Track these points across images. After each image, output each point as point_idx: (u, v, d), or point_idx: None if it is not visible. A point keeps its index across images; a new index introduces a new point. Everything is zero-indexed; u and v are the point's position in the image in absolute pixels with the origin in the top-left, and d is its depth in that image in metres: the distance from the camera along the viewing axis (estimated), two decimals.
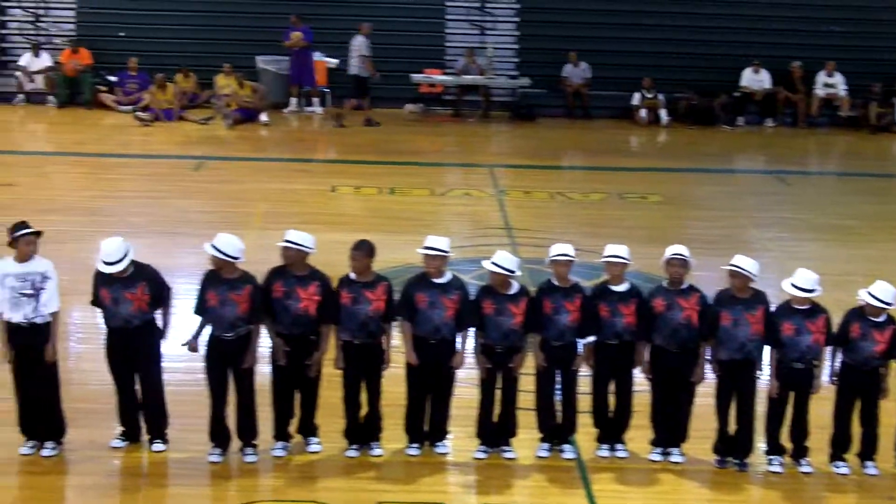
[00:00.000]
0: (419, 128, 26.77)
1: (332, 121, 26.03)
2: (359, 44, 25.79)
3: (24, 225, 9.76)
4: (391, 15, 28.82)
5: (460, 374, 10.19)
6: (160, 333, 9.98)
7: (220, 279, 9.80)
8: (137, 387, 10.02)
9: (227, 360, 9.88)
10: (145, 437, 10.11)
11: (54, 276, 9.77)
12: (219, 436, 10.03)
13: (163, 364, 10.03)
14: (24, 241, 9.68)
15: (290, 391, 10.06)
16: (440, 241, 9.99)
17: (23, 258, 9.72)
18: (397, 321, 10.07)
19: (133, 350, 9.87)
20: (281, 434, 10.10)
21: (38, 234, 9.79)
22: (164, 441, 10.05)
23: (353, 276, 9.96)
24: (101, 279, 9.76)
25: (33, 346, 9.76)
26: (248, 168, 21.88)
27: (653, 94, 27.49)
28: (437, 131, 26.52)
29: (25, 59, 27.48)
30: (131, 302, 9.68)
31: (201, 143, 23.97)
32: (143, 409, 10.06)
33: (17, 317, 9.69)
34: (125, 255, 9.61)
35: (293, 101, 27.20)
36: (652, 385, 10.22)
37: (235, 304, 9.73)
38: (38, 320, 9.72)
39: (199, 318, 9.91)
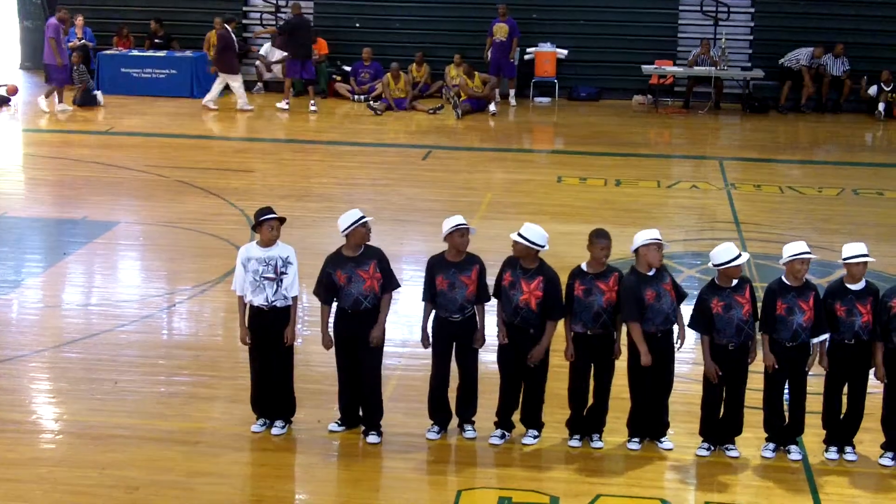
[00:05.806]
0: (647, 119, 26.50)
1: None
2: None
3: (268, 210, 10.02)
4: (624, 6, 28.56)
5: (684, 369, 10.06)
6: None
7: (447, 264, 9.92)
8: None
9: (453, 339, 10.02)
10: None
11: (296, 262, 10.00)
12: (438, 413, 10.19)
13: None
14: (266, 225, 9.93)
15: (517, 381, 10.10)
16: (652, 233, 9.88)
17: (266, 243, 9.99)
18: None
19: (358, 332, 9.94)
20: (503, 423, 10.18)
21: (281, 220, 10.04)
22: (379, 433, 10.09)
23: (584, 267, 9.93)
24: (332, 262, 9.94)
25: (272, 329, 10.01)
26: (475, 157, 22.08)
27: (891, 87, 26.50)
28: (666, 123, 26.20)
29: (265, 49, 28.32)
30: (364, 280, 9.78)
31: (431, 133, 24.28)
32: (361, 397, 10.13)
33: (258, 300, 9.96)
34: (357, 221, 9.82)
35: (511, 92, 27.28)
36: (886, 387, 9.88)
37: (465, 286, 9.86)
38: (279, 304, 9.96)
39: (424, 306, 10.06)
